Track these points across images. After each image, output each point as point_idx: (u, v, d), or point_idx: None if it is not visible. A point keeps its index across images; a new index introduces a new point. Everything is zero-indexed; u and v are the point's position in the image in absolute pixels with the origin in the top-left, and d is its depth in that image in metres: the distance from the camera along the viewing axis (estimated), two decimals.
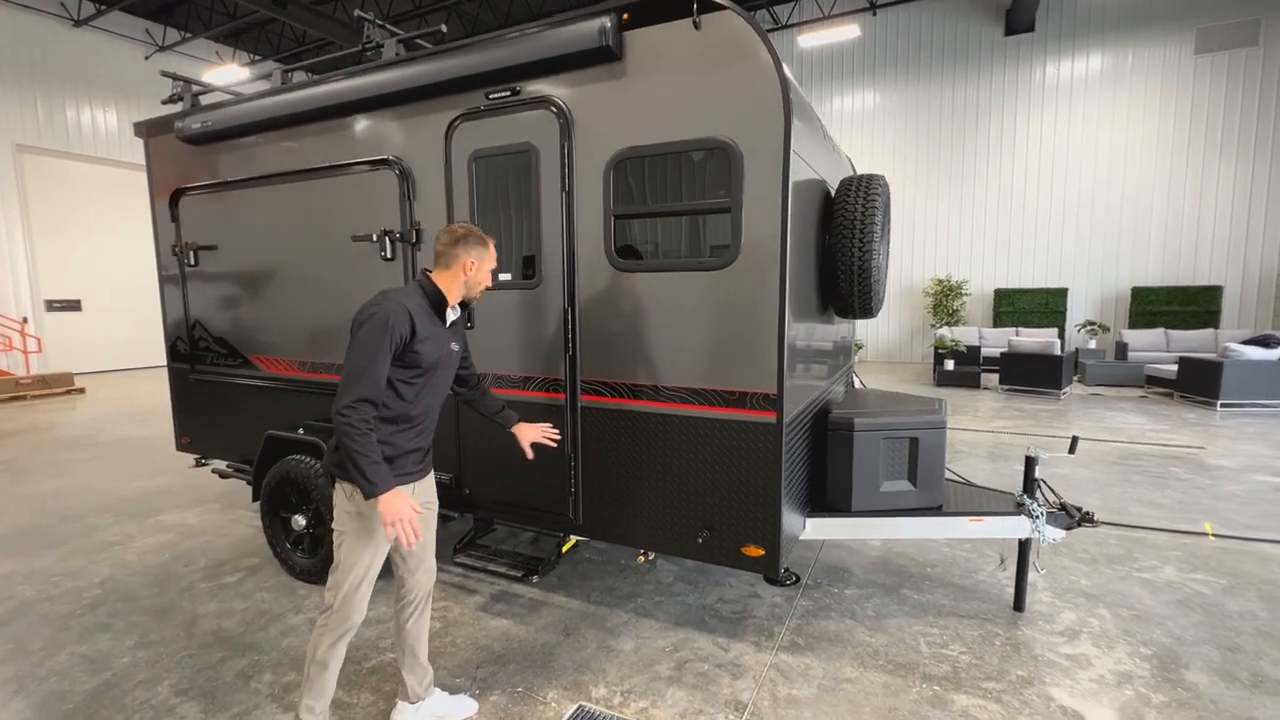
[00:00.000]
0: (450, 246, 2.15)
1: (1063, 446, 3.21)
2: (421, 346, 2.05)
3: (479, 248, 2.18)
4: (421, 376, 2.12)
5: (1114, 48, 12.74)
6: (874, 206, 3.10)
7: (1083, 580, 3.63)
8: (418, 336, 2.03)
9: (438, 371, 2.17)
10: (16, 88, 13.47)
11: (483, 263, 2.20)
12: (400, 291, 2.09)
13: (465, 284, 2.19)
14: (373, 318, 1.98)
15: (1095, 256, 13.23)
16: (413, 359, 2.05)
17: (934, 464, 3.15)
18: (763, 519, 2.63)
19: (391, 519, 1.92)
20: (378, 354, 1.95)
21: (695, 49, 2.53)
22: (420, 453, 2.23)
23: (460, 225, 2.19)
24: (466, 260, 2.16)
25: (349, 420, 1.92)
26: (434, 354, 2.11)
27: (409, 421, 2.14)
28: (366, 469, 1.92)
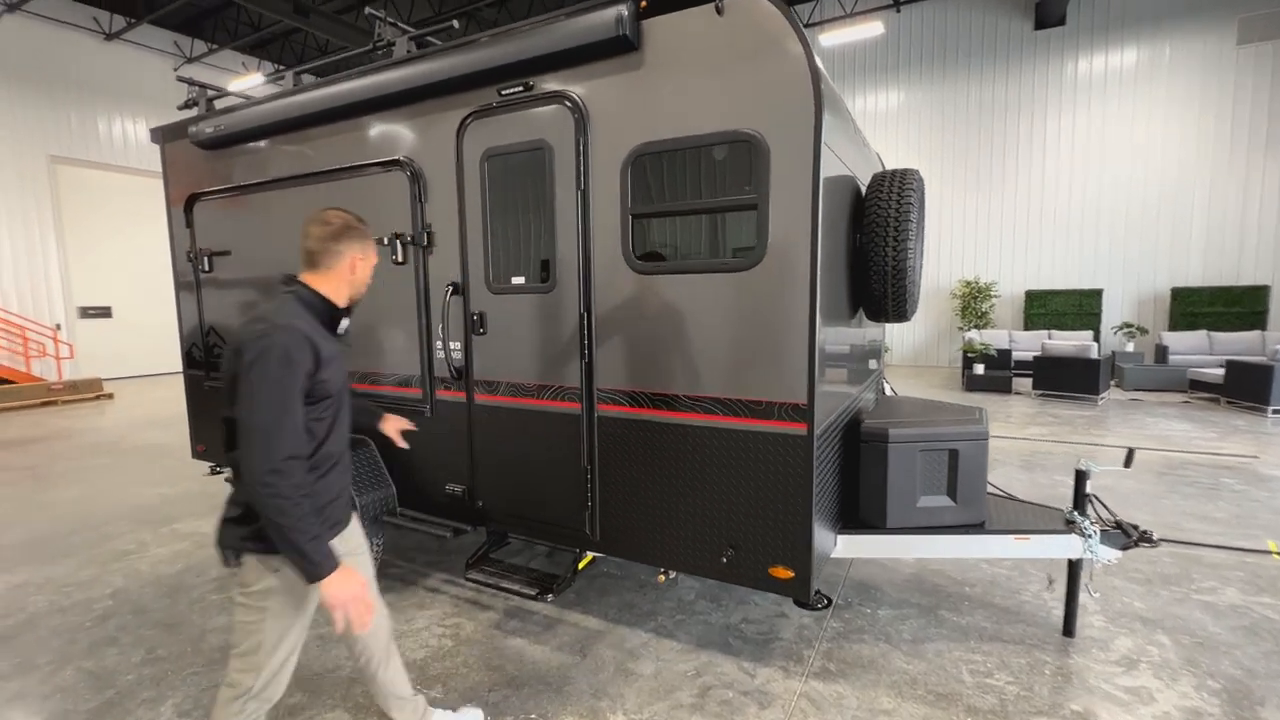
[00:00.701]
0: (330, 242, 1.78)
1: (1113, 457, 2.97)
2: (327, 373, 1.70)
3: (362, 240, 1.84)
4: (331, 409, 1.76)
5: (1150, 40, 12.28)
6: (909, 203, 2.91)
7: (1137, 603, 3.37)
8: (322, 362, 1.67)
9: (344, 394, 1.84)
10: (50, 100, 13.83)
11: (368, 257, 1.87)
12: (285, 312, 1.68)
13: (352, 285, 1.84)
14: (265, 353, 1.57)
15: (1132, 256, 12.74)
16: (321, 390, 1.69)
17: (975, 478, 2.94)
18: (792, 538, 2.45)
19: (340, 602, 1.61)
20: (288, 398, 1.58)
21: (718, 36, 2.37)
22: (344, 497, 1.90)
23: (334, 214, 1.81)
24: (352, 258, 1.81)
25: (276, 490, 1.53)
26: (340, 377, 1.79)
27: (331, 460, 1.79)
28: (307, 547, 1.57)
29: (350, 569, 1.66)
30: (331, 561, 1.61)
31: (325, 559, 1.60)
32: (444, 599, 3.54)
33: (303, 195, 3.62)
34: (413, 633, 3.19)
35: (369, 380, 3.51)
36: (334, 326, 1.80)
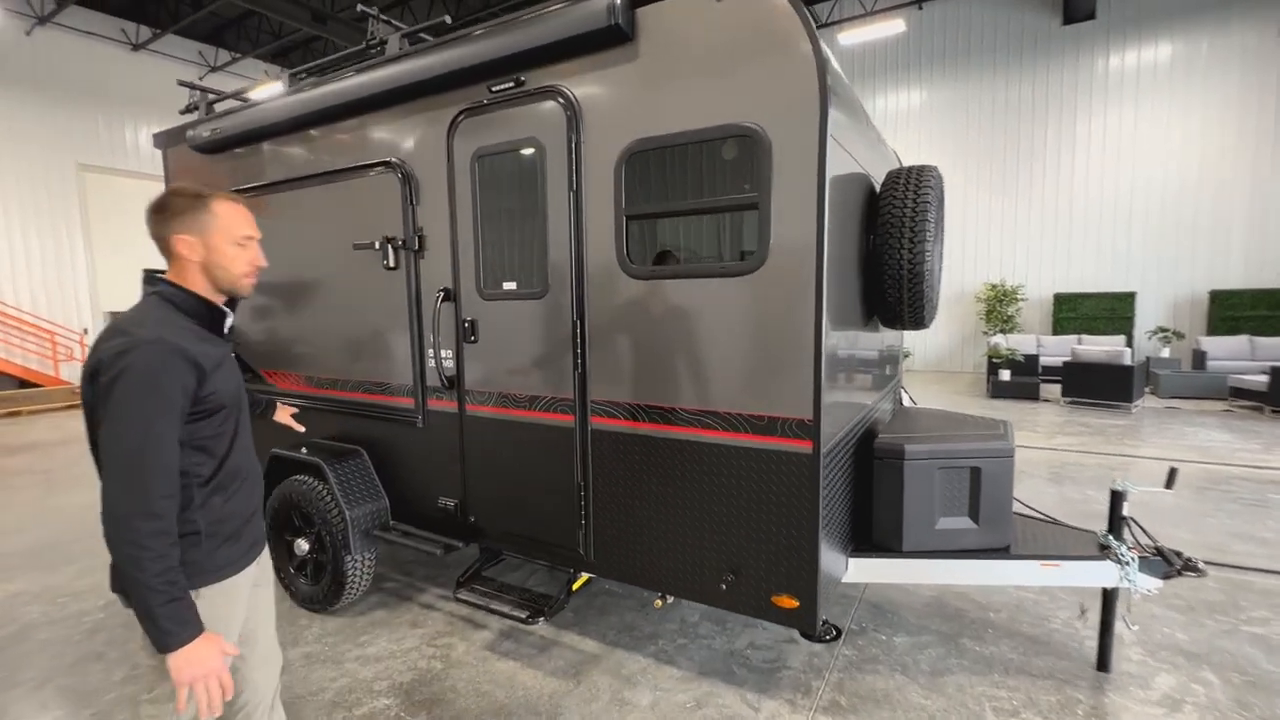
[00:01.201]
0: (156, 228, 1.47)
1: (1149, 472, 2.73)
2: (216, 384, 1.45)
3: (191, 215, 1.46)
4: (229, 421, 1.53)
5: (1185, 34, 11.79)
6: (926, 202, 2.71)
7: (1179, 634, 3.11)
8: (206, 373, 1.42)
9: (242, 401, 1.61)
10: (79, 109, 14.17)
11: (210, 235, 1.47)
12: (147, 319, 1.41)
13: (206, 272, 1.50)
14: (124, 375, 1.31)
15: (1166, 258, 12.22)
16: (211, 403, 1.44)
17: (999, 498, 2.72)
18: (796, 565, 2.26)
19: (191, 678, 1.32)
20: (155, 427, 1.32)
21: (716, 23, 2.20)
22: (259, 513, 1.69)
23: (162, 195, 1.49)
24: (178, 240, 1.46)
25: (135, 538, 1.28)
26: (233, 383, 1.54)
27: (239, 477, 1.57)
28: (161, 609, 1.29)
29: (212, 638, 1.38)
30: (188, 631, 1.33)
31: (180, 627, 1.32)
32: (438, 616, 3.41)
33: (295, 199, 3.53)
34: (402, 653, 3.06)
35: (361, 389, 3.40)
36: (217, 326, 1.54)
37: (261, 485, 1.72)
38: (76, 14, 13.69)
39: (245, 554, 1.60)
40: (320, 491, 3.29)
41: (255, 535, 1.66)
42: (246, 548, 1.60)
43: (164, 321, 1.42)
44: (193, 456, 1.45)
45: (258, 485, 1.68)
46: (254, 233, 1.57)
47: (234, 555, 1.56)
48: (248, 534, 1.61)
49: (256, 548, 1.66)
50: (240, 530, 1.58)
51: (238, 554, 1.57)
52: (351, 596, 3.37)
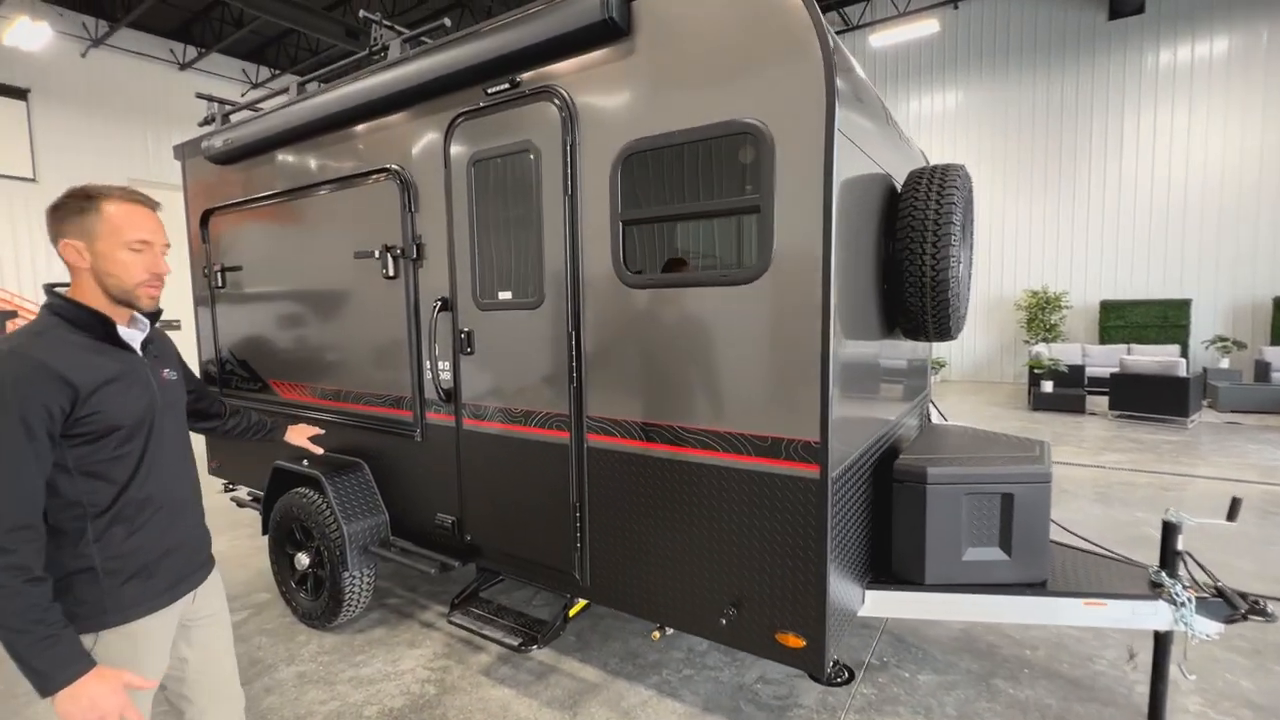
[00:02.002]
0: (50, 233, 1.35)
1: (1207, 497, 2.44)
2: (104, 403, 1.31)
3: (79, 217, 1.33)
4: (131, 442, 1.37)
5: (1243, 25, 11.11)
6: (951, 203, 2.49)
7: (1244, 681, 2.78)
8: (83, 392, 1.28)
9: (156, 423, 1.43)
10: (130, 127, 14.84)
11: (95, 240, 1.33)
12: (26, 331, 1.31)
13: (96, 281, 1.35)
14: None
15: (1225, 263, 11.48)
16: (98, 424, 1.31)
17: (1035, 528, 2.47)
18: (802, 600, 2.06)
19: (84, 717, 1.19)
20: (7, 453, 1.20)
21: (717, 15, 2.05)
22: (189, 547, 1.52)
23: (57, 198, 1.36)
24: (64, 246, 1.33)
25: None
26: (136, 402, 1.38)
27: (151, 507, 1.41)
28: (29, 651, 1.17)
29: (107, 674, 1.25)
30: (75, 667, 1.20)
31: (64, 665, 1.19)
32: (437, 636, 3.30)
33: (299, 208, 3.50)
34: (397, 675, 2.95)
35: (362, 401, 3.33)
36: (112, 338, 1.39)
37: (195, 515, 1.58)
38: (128, 36, 14.34)
39: (162, 594, 1.43)
40: (319, 505, 3.22)
41: (180, 572, 1.49)
42: (164, 587, 1.44)
43: (42, 335, 1.30)
44: (83, 484, 1.32)
45: (183, 515, 1.51)
46: (152, 237, 1.40)
47: (145, 594, 1.40)
48: (166, 570, 1.45)
49: (184, 585, 1.50)
50: (153, 565, 1.42)
51: (151, 593, 1.41)
52: (350, 614, 3.29)
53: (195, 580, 1.55)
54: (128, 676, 1.29)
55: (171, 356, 1.61)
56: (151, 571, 1.42)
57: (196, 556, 1.56)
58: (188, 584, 1.52)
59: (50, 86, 13.61)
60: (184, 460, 1.55)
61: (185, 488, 1.54)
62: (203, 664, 1.57)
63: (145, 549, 1.41)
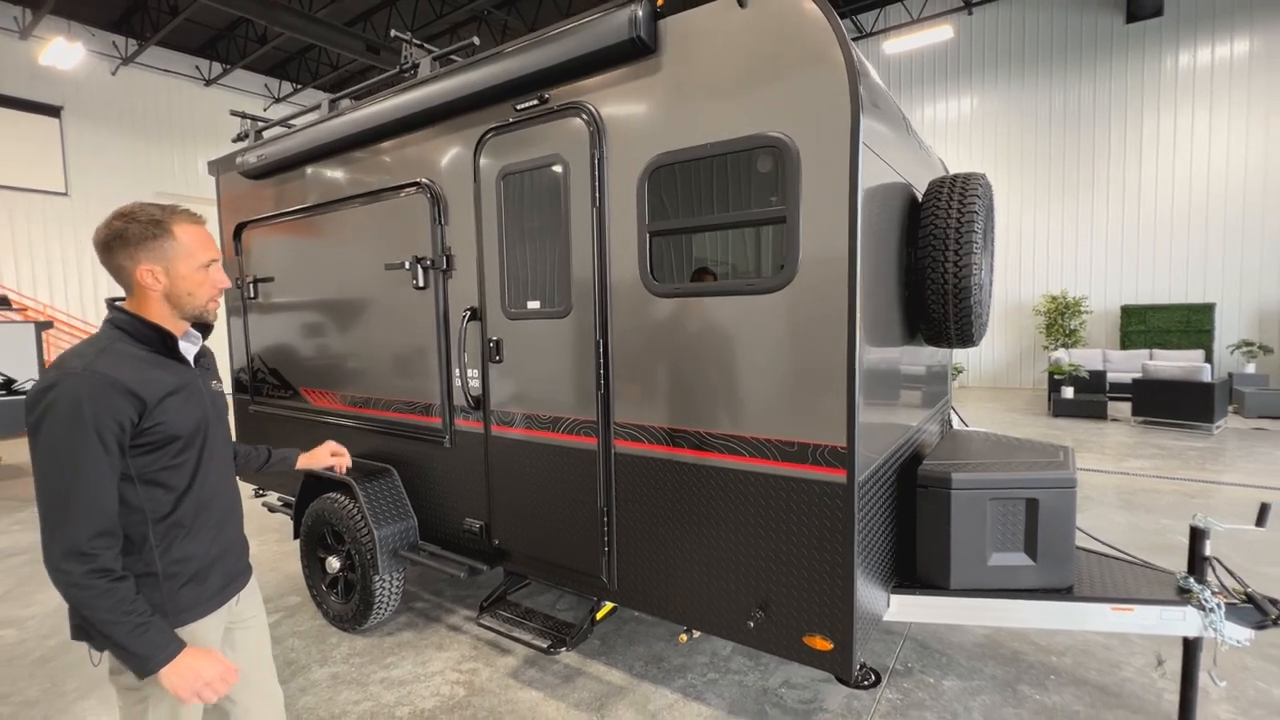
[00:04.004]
0: (110, 259, 1.39)
1: (1236, 504, 2.43)
2: (166, 414, 1.37)
3: (152, 244, 1.37)
4: (187, 451, 1.43)
5: (1266, 26, 10.99)
6: (972, 211, 2.53)
7: (1276, 689, 2.76)
8: (149, 404, 1.34)
9: (210, 432, 1.49)
10: (158, 143, 15.26)
11: (172, 262, 1.39)
12: (88, 349, 1.35)
13: (168, 301, 1.42)
14: (50, 410, 1.26)
15: (1250, 265, 11.31)
16: (160, 434, 1.36)
17: (1060, 533, 2.48)
18: (830, 603, 2.09)
19: (191, 690, 1.31)
20: (83, 462, 1.26)
21: (741, 31, 2.12)
22: (234, 551, 1.59)
23: (114, 219, 1.38)
24: (141, 271, 1.38)
25: (72, 578, 1.24)
26: (193, 414, 1.44)
27: (203, 513, 1.48)
28: (128, 639, 1.26)
29: (201, 649, 1.37)
30: (170, 648, 1.31)
31: (161, 648, 1.30)
32: (464, 640, 3.36)
33: (332, 220, 3.61)
34: (426, 677, 3.01)
35: (391, 408, 3.41)
36: (173, 352, 1.45)
37: (238, 519, 1.64)
38: (156, 54, 14.76)
39: (213, 597, 1.51)
40: (351, 510, 3.31)
41: (228, 576, 1.56)
42: (215, 590, 1.51)
43: (107, 351, 1.35)
44: (145, 491, 1.38)
45: (229, 520, 1.59)
46: (216, 255, 1.48)
47: (198, 598, 1.47)
48: (217, 575, 1.52)
49: (230, 589, 1.57)
50: (206, 571, 1.48)
51: (203, 597, 1.48)
52: (379, 617, 3.36)
53: (240, 584, 1.61)
54: (216, 652, 1.41)
55: (215, 370, 1.67)
56: (205, 576, 1.48)
57: (240, 561, 1.63)
58: (234, 587, 1.59)
59: (81, 104, 14.04)
60: (229, 468, 1.62)
61: (231, 494, 1.60)
62: (244, 665, 1.61)
63: (199, 554, 1.47)
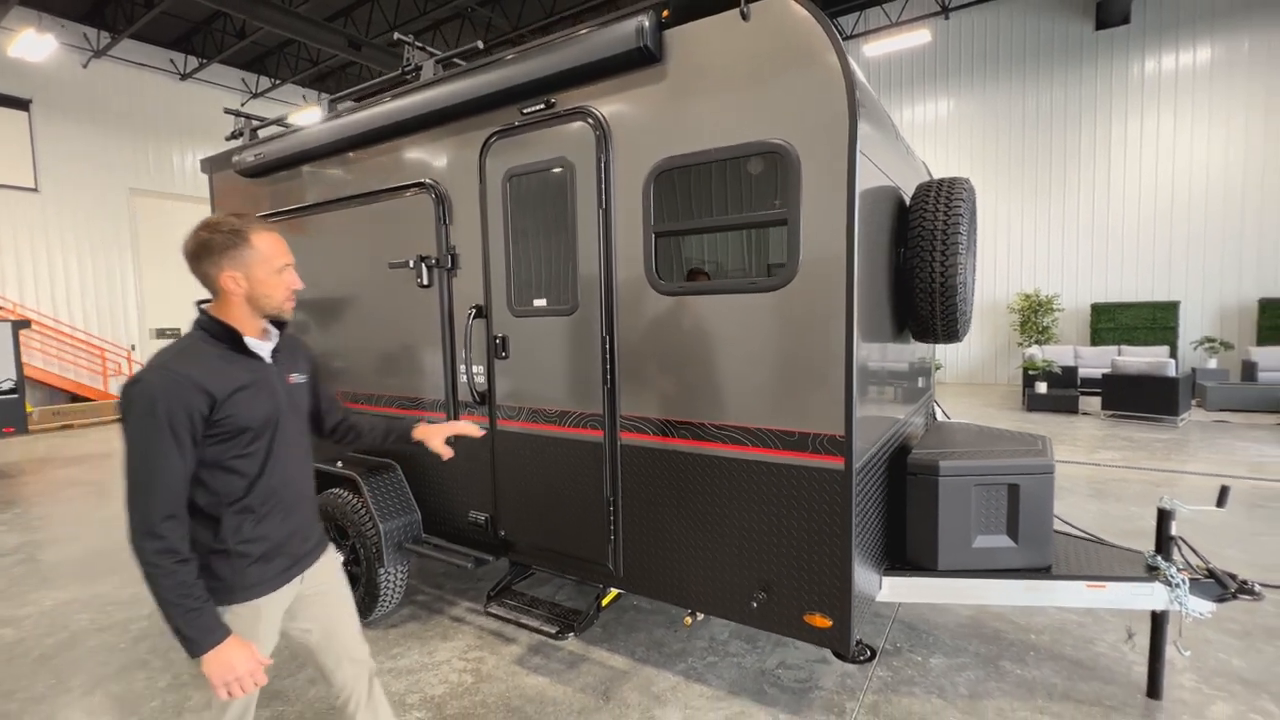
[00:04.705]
0: (194, 265, 1.53)
1: (1198, 488, 2.62)
2: (236, 407, 1.50)
3: (233, 252, 1.52)
4: (258, 441, 1.56)
5: (1225, 35, 11.46)
6: (958, 214, 2.68)
7: (1235, 660, 2.96)
8: (219, 398, 1.47)
9: (280, 423, 1.61)
10: (131, 137, 14.91)
11: (251, 268, 1.54)
12: (170, 350, 1.50)
13: (249, 303, 1.57)
14: (132, 404, 1.41)
15: (1212, 266, 11.80)
16: (230, 426, 1.49)
17: (1039, 516, 2.64)
18: (829, 583, 2.23)
19: (221, 680, 1.43)
20: (158, 451, 1.40)
21: (744, 43, 2.23)
22: (300, 535, 1.70)
23: (200, 230, 1.53)
24: (225, 278, 1.52)
25: (144, 556, 1.39)
26: (263, 407, 1.56)
27: (272, 499, 1.60)
28: (181, 621, 1.39)
29: (242, 643, 1.48)
30: (215, 635, 1.43)
31: (207, 633, 1.42)
32: (468, 630, 3.44)
33: (334, 219, 3.65)
34: (434, 665, 3.09)
35: (395, 404, 3.47)
36: (242, 349, 1.58)
37: (309, 505, 1.75)
38: (129, 47, 14.43)
39: (278, 576, 1.62)
40: (355, 505, 3.36)
41: (293, 557, 1.67)
42: (279, 570, 1.62)
43: (185, 350, 1.50)
44: (220, 477, 1.51)
45: (299, 506, 1.69)
46: (290, 259, 1.63)
47: (263, 576, 1.58)
48: (283, 556, 1.63)
49: (295, 570, 1.67)
50: (273, 552, 1.60)
51: (268, 575, 1.59)
52: (385, 609, 3.42)
53: (305, 564, 1.72)
54: (254, 648, 1.50)
55: (303, 361, 1.79)
56: (271, 556, 1.60)
57: (306, 543, 1.73)
58: (299, 568, 1.70)
59: (52, 97, 13.68)
60: (303, 456, 1.73)
61: (303, 481, 1.72)
62: (323, 633, 1.76)
63: (268, 536, 1.59)
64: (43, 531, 5.40)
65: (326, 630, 1.77)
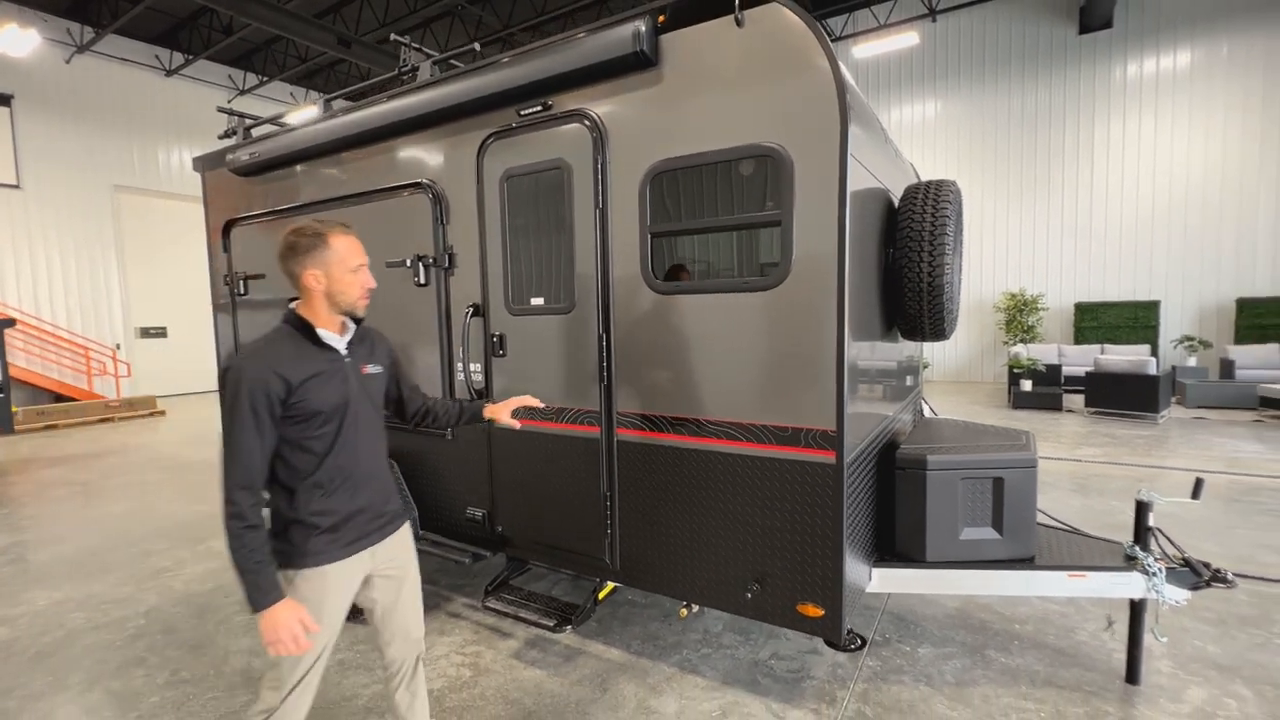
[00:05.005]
0: (285, 266, 1.75)
1: (1177, 483, 2.73)
2: (309, 393, 1.68)
3: (315, 253, 1.72)
4: (329, 424, 1.73)
5: (1205, 39, 11.70)
6: (945, 216, 2.76)
7: (1210, 646, 3.07)
8: (293, 384, 1.66)
9: (351, 411, 1.78)
10: (115, 134, 14.72)
11: (329, 267, 1.73)
12: (266, 338, 1.74)
13: (327, 299, 1.76)
14: (225, 388, 1.66)
15: (1191, 266, 12.05)
16: (304, 409, 1.68)
17: (1023, 508, 2.73)
18: (821, 574, 2.29)
19: (270, 638, 1.61)
20: (241, 431, 1.61)
21: (738, 48, 2.29)
22: (370, 512, 1.84)
23: (288, 235, 1.74)
24: (307, 275, 1.72)
25: (225, 523, 1.61)
26: (333, 395, 1.74)
27: (340, 476, 1.77)
28: (245, 579, 1.60)
29: (292, 606, 1.64)
30: (269, 597, 1.61)
31: (262, 594, 1.60)
32: (465, 625, 3.47)
33: (331, 218, 3.66)
34: (431, 660, 3.12)
35: None
36: (319, 342, 1.76)
37: (379, 485, 1.88)
38: (114, 42, 14.26)
39: (344, 548, 1.77)
40: None
41: (361, 531, 1.81)
42: (346, 542, 1.77)
43: (271, 341, 1.72)
44: (296, 454, 1.71)
45: (368, 485, 1.83)
46: (363, 260, 1.79)
47: (330, 546, 1.75)
48: (350, 529, 1.78)
49: (362, 543, 1.81)
50: (339, 525, 1.75)
51: (335, 545, 1.75)
52: None
53: (373, 540, 1.85)
54: (304, 613, 1.66)
55: (381, 354, 1.95)
56: (338, 528, 1.76)
57: (376, 520, 1.86)
58: (366, 542, 1.83)
59: (34, 93, 13.48)
60: (375, 440, 1.88)
61: (374, 462, 1.86)
62: (385, 608, 1.93)
63: (335, 509, 1.76)
64: (31, 532, 5.36)
65: (387, 607, 1.94)
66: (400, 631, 1.98)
